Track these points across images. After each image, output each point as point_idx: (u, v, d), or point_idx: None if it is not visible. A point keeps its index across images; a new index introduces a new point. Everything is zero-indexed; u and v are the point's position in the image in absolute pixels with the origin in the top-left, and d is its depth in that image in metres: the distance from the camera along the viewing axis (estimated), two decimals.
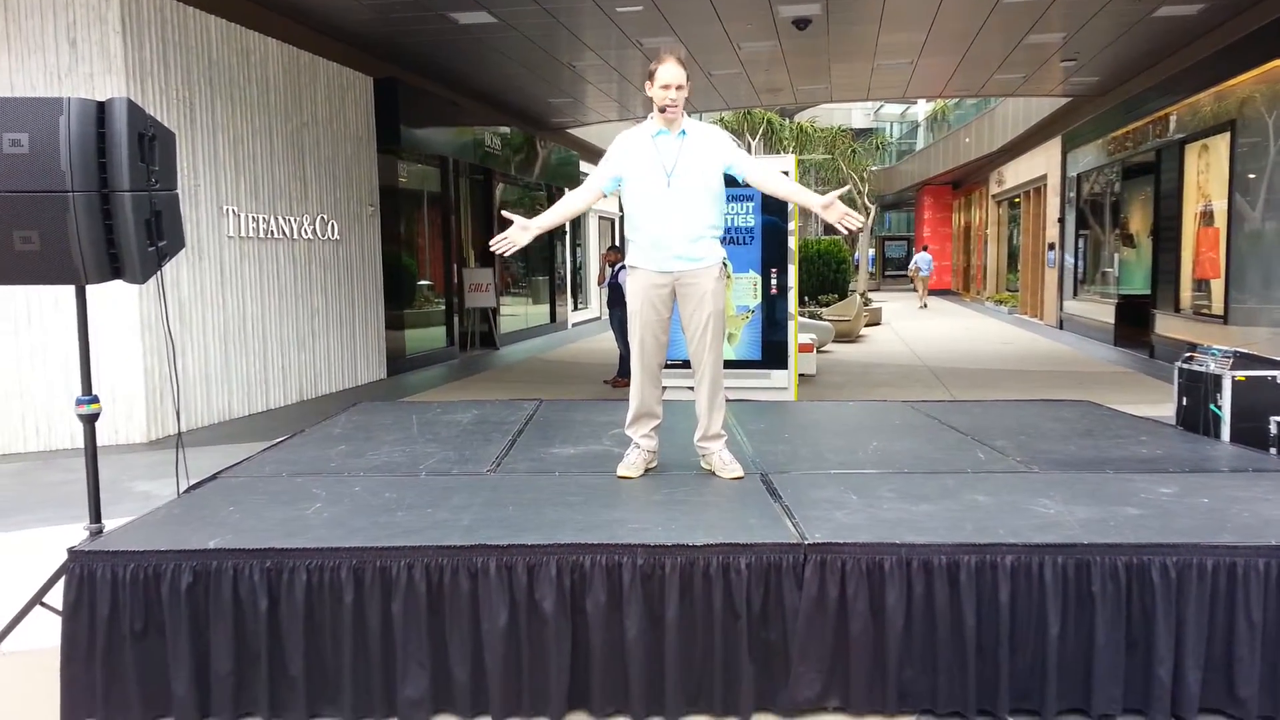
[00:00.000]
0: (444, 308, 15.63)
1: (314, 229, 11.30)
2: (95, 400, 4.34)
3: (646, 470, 4.50)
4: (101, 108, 4.13)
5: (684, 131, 4.36)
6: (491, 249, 4.40)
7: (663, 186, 4.31)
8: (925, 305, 29.77)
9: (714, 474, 4.45)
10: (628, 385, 4.68)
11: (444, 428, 5.74)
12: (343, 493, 4.17)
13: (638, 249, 4.43)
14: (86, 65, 8.29)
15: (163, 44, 8.83)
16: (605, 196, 4.56)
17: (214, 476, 4.56)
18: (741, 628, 3.33)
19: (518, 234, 4.37)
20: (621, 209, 4.75)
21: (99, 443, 4.46)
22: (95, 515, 4.27)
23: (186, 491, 4.34)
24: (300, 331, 11.06)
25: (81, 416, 4.30)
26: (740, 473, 4.39)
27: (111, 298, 8.24)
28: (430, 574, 3.36)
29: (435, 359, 14.80)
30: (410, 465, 4.73)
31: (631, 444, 4.53)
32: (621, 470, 4.44)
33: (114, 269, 4.19)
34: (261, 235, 10.31)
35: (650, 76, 4.33)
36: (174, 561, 3.37)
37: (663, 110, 4.27)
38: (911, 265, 33.11)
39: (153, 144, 4.27)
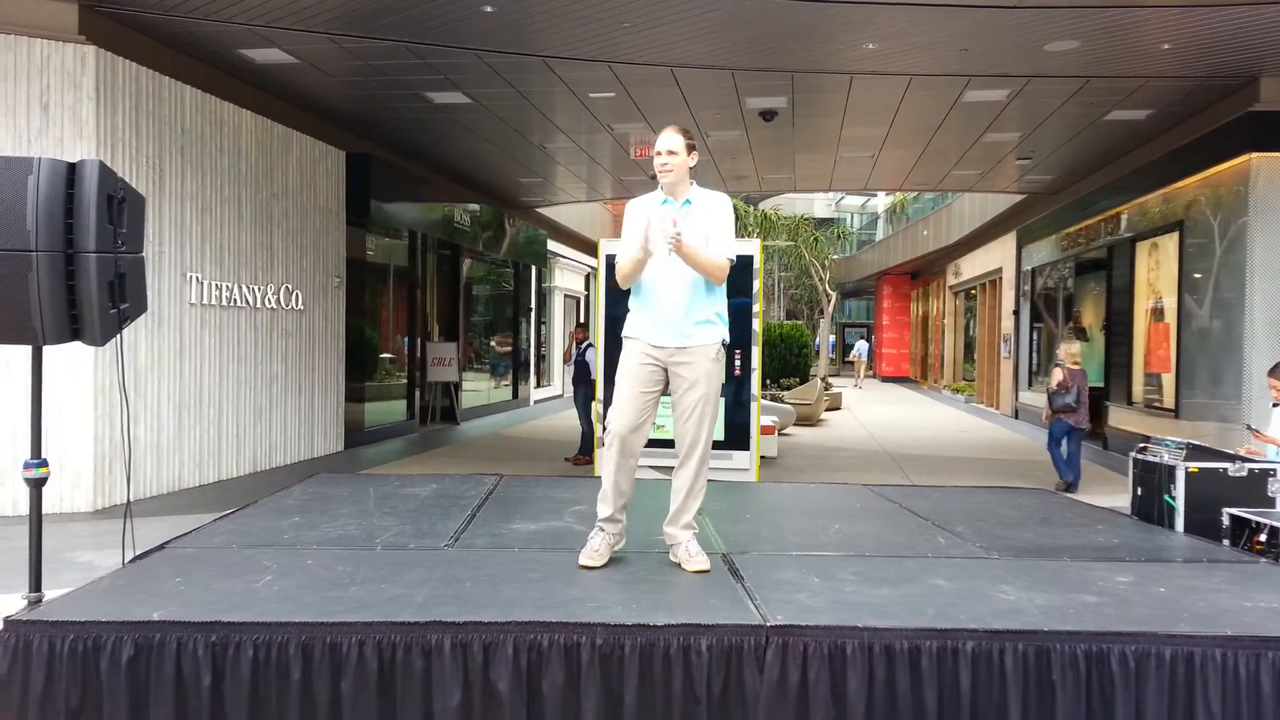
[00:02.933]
0: (405, 381, 15.53)
1: (278, 298, 11.25)
2: (44, 464, 4.24)
3: (611, 556, 4.26)
4: (72, 169, 4.13)
5: (689, 200, 4.27)
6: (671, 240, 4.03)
7: (662, 256, 4.12)
8: (860, 386, 32.82)
9: (680, 566, 4.19)
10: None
11: (402, 501, 5.65)
12: (294, 565, 4.07)
13: (634, 319, 4.29)
14: (58, 130, 8.29)
15: (135, 111, 8.87)
16: None
17: (161, 546, 4.44)
18: (701, 711, 3.27)
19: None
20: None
21: (43, 511, 4.34)
22: (35, 584, 4.14)
23: (132, 561, 4.22)
24: (257, 401, 10.91)
25: (29, 480, 4.19)
26: (706, 565, 4.14)
27: (65, 362, 8.10)
28: (382, 651, 3.27)
29: (395, 432, 14.64)
30: (366, 538, 4.64)
31: (595, 528, 4.29)
32: (584, 559, 4.16)
33: (73, 330, 4.14)
34: (224, 303, 10.23)
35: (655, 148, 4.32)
36: (115, 633, 3.26)
37: (652, 178, 4.28)
38: (853, 353, 36.77)
39: (122, 206, 4.27)
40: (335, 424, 12.75)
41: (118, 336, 4.39)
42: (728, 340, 4.31)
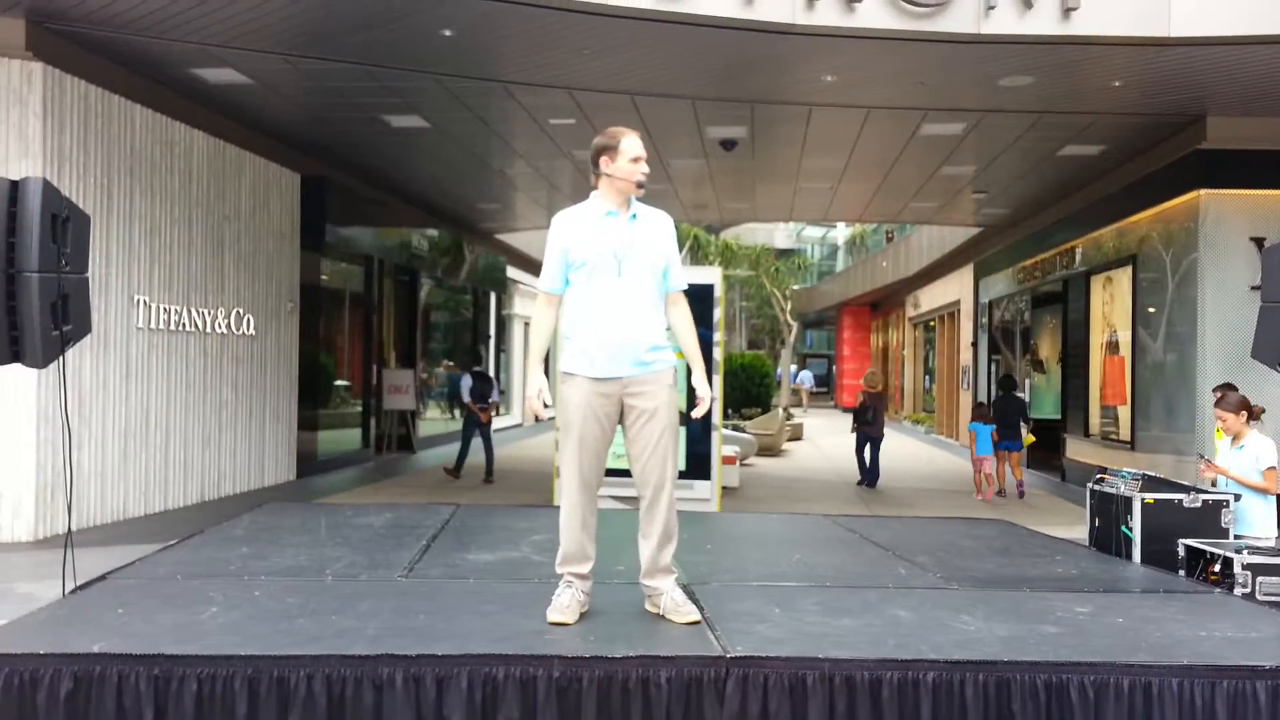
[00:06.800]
0: (361, 409, 15.31)
1: (229, 323, 11.05)
2: None
3: (582, 615, 3.79)
4: (15, 186, 4.03)
5: (635, 214, 3.89)
6: (538, 419, 4.03)
7: (612, 276, 3.78)
8: (805, 411, 34.04)
9: (663, 618, 3.78)
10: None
11: (354, 531, 5.54)
12: (241, 597, 3.96)
13: (579, 351, 3.82)
14: (2, 147, 8.10)
15: (84, 130, 8.70)
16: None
17: (103, 577, 4.31)
18: None
19: (542, 389, 3.93)
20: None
21: None
22: None
23: (73, 592, 4.09)
24: (206, 428, 10.68)
25: None
26: (696, 616, 3.74)
27: (7, 386, 7.87)
28: (331, 685, 3.17)
29: (349, 461, 14.40)
30: (316, 569, 4.53)
31: (562, 581, 3.85)
32: (553, 615, 3.71)
33: (13, 352, 4.03)
34: (172, 327, 10.03)
35: (609, 152, 3.83)
36: (53, 666, 3.15)
37: (640, 186, 3.83)
38: (796, 380, 37.68)
39: (66, 225, 4.17)
40: (287, 452, 12.52)
41: (60, 359, 4.27)
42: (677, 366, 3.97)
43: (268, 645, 3.29)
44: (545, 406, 3.90)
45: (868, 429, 13.91)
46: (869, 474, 13.86)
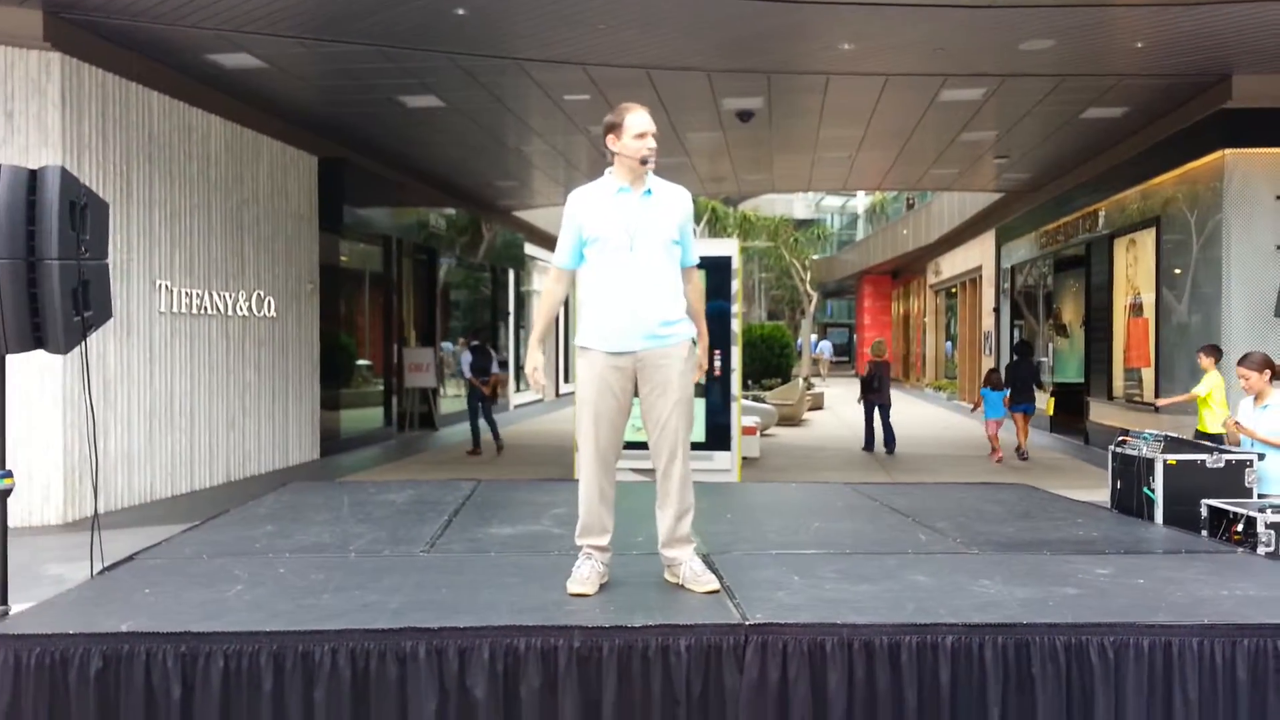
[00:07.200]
0: (382, 388, 15.42)
1: (250, 306, 11.14)
2: (9, 475, 4.17)
3: (602, 586, 3.81)
4: (34, 175, 4.08)
5: (649, 190, 3.88)
6: (537, 391, 4.19)
7: (624, 250, 3.79)
8: (824, 379, 34.10)
9: (682, 587, 3.80)
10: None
11: (377, 508, 5.59)
12: (266, 574, 4.00)
13: (592, 326, 3.86)
14: (22, 138, 8.17)
15: (102, 118, 8.76)
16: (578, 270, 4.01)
17: (130, 558, 4.37)
18: (681, 713, 3.22)
19: (536, 366, 4.01)
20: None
21: (10, 525, 4.26)
22: (1, 597, 4.06)
23: (100, 573, 4.15)
24: (230, 410, 10.79)
25: None
26: (715, 585, 3.75)
27: (34, 372, 7.98)
28: (355, 659, 3.21)
29: (372, 439, 14.53)
30: (340, 546, 4.58)
31: (581, 553, 3.89)
32: (573, 586, 3.74)
33: (36, 338, 4.08)
34: (194, 311, 10.12)
35: (615, 129, 3.84)
36: (83, 645, 3.18)
37: (644, 162, 3.81)
38: (816, 350, 38.06)
39: (84, 212, 4.21)
40: (310, 432, 12.63)
41: (83, 345, 4.32)
42: (695, 338, 3.98)
43: (292, 621, 3.33)
44: (543, 381, 3.99)
45: (874, 396, 14.45)
46: (886, 439, 14.20)
